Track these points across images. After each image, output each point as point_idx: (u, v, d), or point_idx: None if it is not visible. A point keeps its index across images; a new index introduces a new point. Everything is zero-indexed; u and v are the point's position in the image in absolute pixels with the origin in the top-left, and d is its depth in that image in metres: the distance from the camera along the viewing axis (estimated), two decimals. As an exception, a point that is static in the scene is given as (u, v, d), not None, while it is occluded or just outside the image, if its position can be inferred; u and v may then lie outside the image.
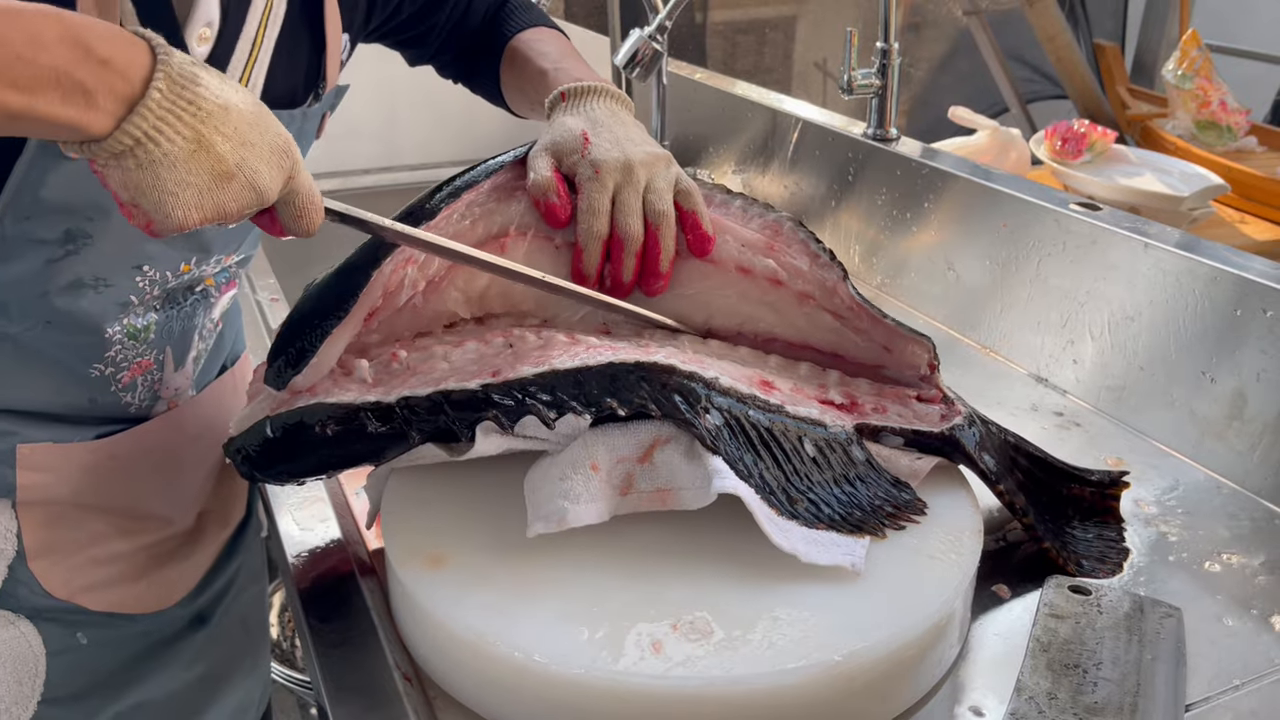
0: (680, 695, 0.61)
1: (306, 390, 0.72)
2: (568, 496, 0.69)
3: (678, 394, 0.71)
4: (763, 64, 3.09)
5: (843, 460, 0.74)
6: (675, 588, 0.67)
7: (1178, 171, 1.90)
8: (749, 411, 0.73)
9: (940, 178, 1.24)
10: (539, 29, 1.01)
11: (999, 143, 1.95)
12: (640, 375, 0.71)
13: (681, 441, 0.72)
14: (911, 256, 1.30)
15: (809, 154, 1.48)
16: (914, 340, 0.82)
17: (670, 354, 0.75)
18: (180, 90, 0.56)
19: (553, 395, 0.70)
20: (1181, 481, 0.93)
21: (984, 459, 0.78)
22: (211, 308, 0.85)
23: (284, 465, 0.71)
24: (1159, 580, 0.80)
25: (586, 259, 0.81)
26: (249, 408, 0.73)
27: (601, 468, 0.70)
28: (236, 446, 0.72)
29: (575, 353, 0.73)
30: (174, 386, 0.84)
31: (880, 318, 0.82)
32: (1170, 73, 2.22)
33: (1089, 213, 1.06)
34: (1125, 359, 1.02)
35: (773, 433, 0.73)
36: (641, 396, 0.70)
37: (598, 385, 0.70)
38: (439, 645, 0.68)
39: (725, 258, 0.83)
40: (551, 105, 0.87)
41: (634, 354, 0.73)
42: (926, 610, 0.66)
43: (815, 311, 0.83)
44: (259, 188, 0.60)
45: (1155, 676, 0.68)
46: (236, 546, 0.97)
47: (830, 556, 0.67)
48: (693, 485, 0.70)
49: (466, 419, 0.69)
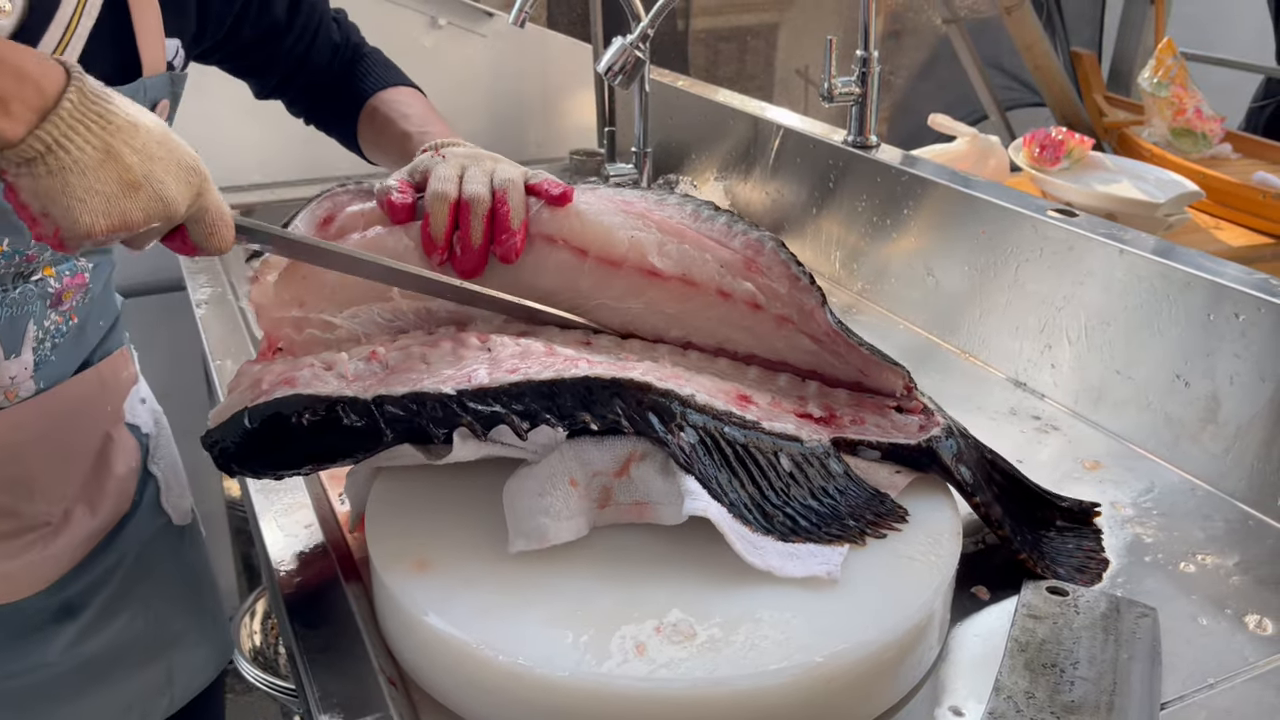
0: (663, 697, 0.61)
1: (284, 381, 0.72)
2: (548, 513, 0.70)
3: (652, 411, 0.72)
4: (745, 71, 3.11)
5: (820, 473, 0.75)
6: (658, 590, 0.68)
7: (1153, 178, 1.92)
8: (724, 428, 0.74)
9: (920, 185, 1.25)
10: (400, 89, 1.03)
11: (978, 150, 1.97)
12: (614, 391, 0.72)
13: (657, 457, 0.73)
14: (891, 263, 1.31)
15: (790, 161, 1.49)
16: (889, 369, 0.83)
17: (648, 369, 0.76)
18: (90, 104, 0.60)
19: (526, 406, 0.71)
20: (1157, 484, 0.95)
21: (961, 471, 0.78)
22: (52, 298, 0.85)
23: (261, 458, 0.72)
24: (1135, 580, 0.82)
25: (434, 223, 0.79)
26: (227, 400, 0.73)
27: (580, 483, 0.71)
28: (214, 439, 0.72)
29: (550, 364, 0.74)
30: (8, 375, 0.83)
31: (856, 345, 0.82)
32: (1146, 80, 2.24)
33: (1066, 219, 1.08)
34: (1102, 363, 1.04)
35: (748, 449, 0.74)
36: (615, 412, 0.71)
37: (572, 399, 0.71)
38: (424, 649, 0.68)
39: (705, 280, 0.83)
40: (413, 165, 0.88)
41: (611, 369, 0.74)
42: (906, 611, 0.67)
43: (793, 334, 0.83)
44: (165, 199, 0.62)
45: (1131, 675, 0.69)
46: (116, 540, 0.97)
47: (805, 568, 0.68)
48: (668, 501, 0.72)
49: (441, 423, 0.70)
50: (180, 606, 1.04)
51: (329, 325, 0.81)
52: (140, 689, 1.00)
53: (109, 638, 0.97)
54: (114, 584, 0.97)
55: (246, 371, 0.76)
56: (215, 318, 1.25)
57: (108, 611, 0.96)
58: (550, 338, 0.81)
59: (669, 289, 0.84)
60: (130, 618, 0.99)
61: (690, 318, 0.85)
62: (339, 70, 1.04)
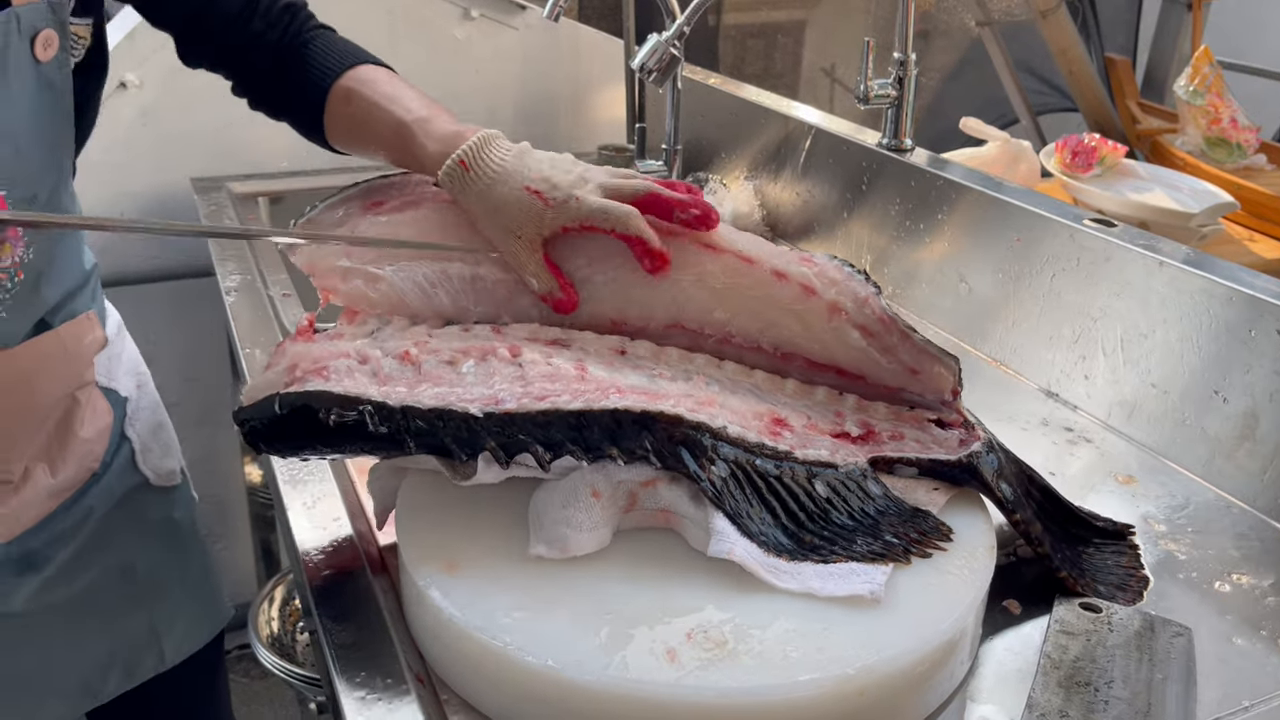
0: (693, 704, 0.61)
1: (316, 372, 0.72)
2: (570, 524, 0.70)
3: (683, 446, 0.71)
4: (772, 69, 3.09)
5: (859, 496, 0.74)
6: (690, 595, 0.68)
7: (1187, 188, 1.90)
8: (756, 460, 0.73)
9: (954, 190, 1.24)
10: (371, 67, 0.92)
11: (1009, 154, 1.95)
12: (644, 425, 0.71)
13: (688, 484, 0.72)
14: (923, 267, 1.30)
15: (822, 162, 1.48)
16: (941, 360, 0.81)
17: (681, 394, 0.75)
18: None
19: (551, 436, 0.70)
20: (1192, 500, 0.94)
21: (1002, 487, 0.77)
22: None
23: (287, 443, 0.73)
24: (1168, 598, 0.80)
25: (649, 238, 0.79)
26: (261, 377, 0.74)
27: (603, 494, 0.71)
28: (245, 417, 0.73)
29: (580, 391, 0.73)
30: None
31: (909, 333, 0.81)
32: (1182, 88, 2.22)
33: (1104, 229, 1.06)
34: (1138, 376, 1.03)
35: (781, 480, 0.73)
36: (644, 447, 0.71)
37: (600, 431, 0.71)
38: (452, 649, 0.68)
39: (763, 258, 0.82)
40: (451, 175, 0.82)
41: (641, 399, 0.73)
42: (940, 625, 0.66)
43: (843, 326, 0.82)
44: None
45: (1166, 696, 0.68)
46: (83, 499, 0.98)
47: (848, 586, 0.67)
48: (697, 523, 0.71)
49: (464, 443, 0.70)
50: (161, 566, 1.05)
51: (374, 278, 0.82)
52: (121, 641, 1.02)
53: (77, 590, 0.98)
54: (80, 539, 0.98)
55: (286, 350, 0.76)
56: (244, 305, 1.25)
57: (74, 565, 0.98)
58: (585, 345, 0.80)
59: (724, 261, 0.82)
60: (101, 571, 1.00)
61: (740, 295, 0.83)
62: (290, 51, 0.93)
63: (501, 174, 0.80)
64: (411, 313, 0.88)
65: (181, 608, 1.06)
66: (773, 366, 0.84)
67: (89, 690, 1.00)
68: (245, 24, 0.92)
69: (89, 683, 1.00)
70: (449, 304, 0.86)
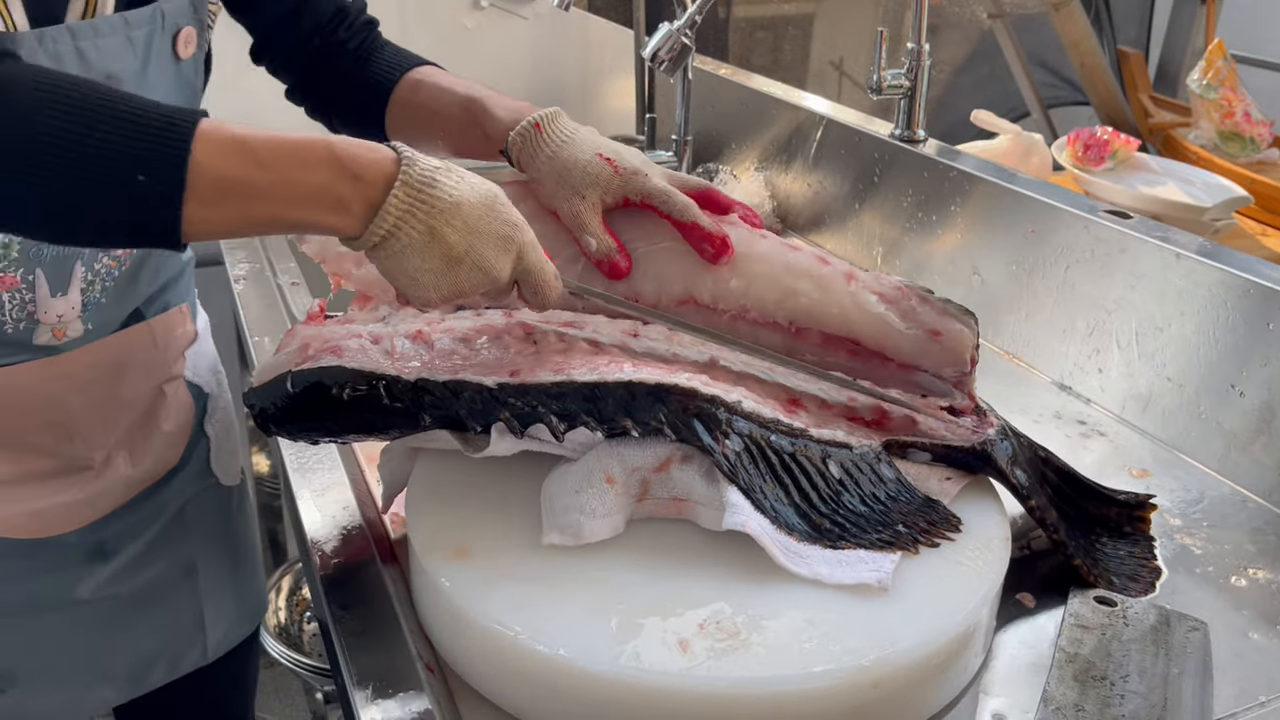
0: (706, 695, 0.60)
1: (330, 349, 0.72)
2: (583, 510, 0.69)
3: (697, 418, 0.71)
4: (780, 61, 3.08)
5: (871, 479, 0.73)
6: (702, 585, 0.67)
7: (1200, 182, 1.89)
8: (771, 436, 0.73)
9: (968, 181, 1.23)
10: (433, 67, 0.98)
11: (1021, 147, 1.93)
12: (658, 397, 0.71)
13: (699, 460, 0.72)
14: (935, 259, 1.29)
15: (833, 153, 1.47)
16: (961, 319, 0.81)
17: (694, 371, 0.75)
18: (417, 192, 0.67)
19: (565, 407, 0.70)
20: (1207, 494, 0.93)
21: (1016, 474, 0.77)
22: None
23: (299, 422, 0.72)
24: (1183, 593, 0.80)
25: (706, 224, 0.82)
26: (272, 359, 0.74)
27: (617, 480, 0.71)
28: (255, 399, 0.73)
29: (595, 365, 0.73)
30: (55, 313, 0.85)
31: (928, 295, 0.81)
32: (1195, 82, 2.20)
33: (1120, 220, 1.06)
34: (1153, 369, 1.02)
35: (795, 457, 0.72)
36: (658, 419, 0.70)
37: (614, 403, 0.71)
38: (462, 637, 0.67)
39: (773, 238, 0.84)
40: (524, 135, 0.85)
41: (655, 373, 0.72)
42: (955, 618, 0.65)
43: (861, 291, 0.81)
44: (485, 269, 0.69)
45: (1183, 691, 0.67)
46: (159, 493, 0.99)
47: (855, 575, 0.67)
48: (708, 504, 0.71)
49: (478, 415, 0.70)
50: (217, 564, 1.05)
51: None
52: (172, 636, 1.02)
53: (141, 583, 0.99)
54: (150, 534, 0.99)
55: (297, 333, 0.75)
56: (253, 294, 1.24)
57: (142, 560, 0.98)
58: (598, 327, 0.80)
59: (739, 232, 0.84)
60: (165, 568, 1.00)
61: (756, 260, 0.83)
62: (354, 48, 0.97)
63: (574, 139, 0.84)
64: None
65: (230, 605, 1.07)
66: (787, 347, 0.83)
67: (135, 680, 1.01)
68: (332, 32, 0.97)
69: (136, 673, 1.01)
70: None
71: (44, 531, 0.91)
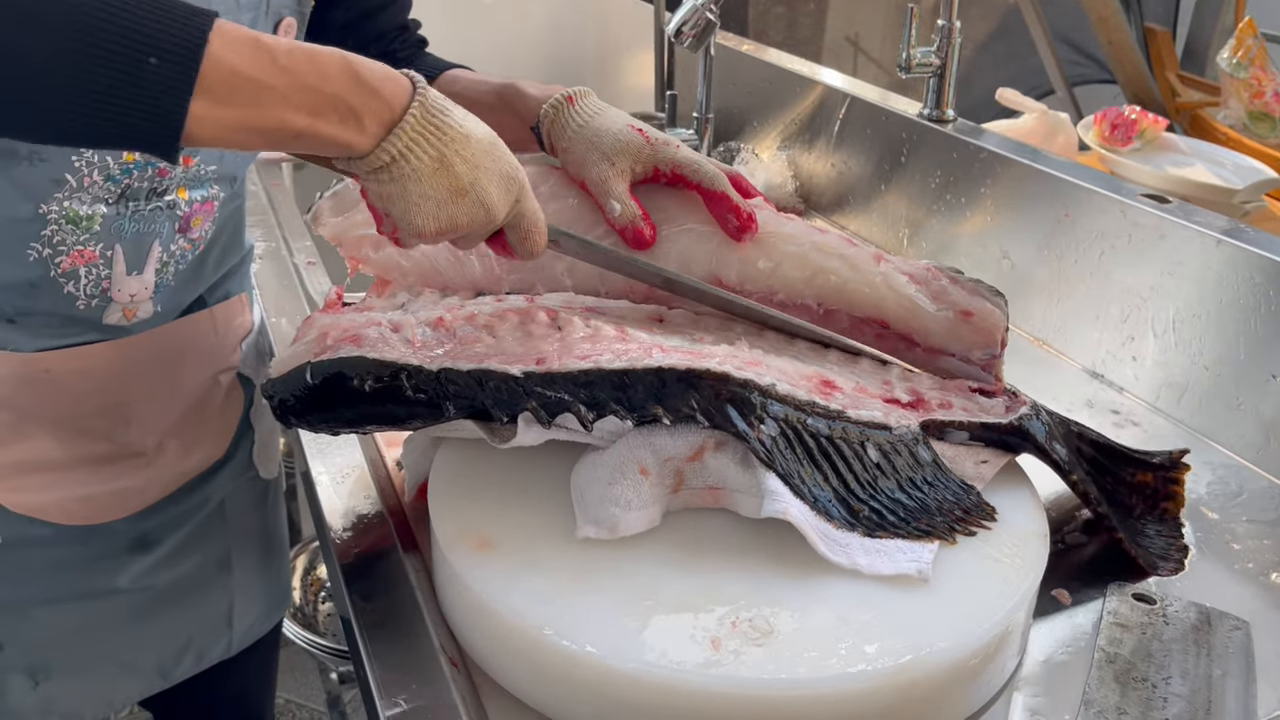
0: (738, 695, 0.59)
1: (350, 339, 0.70)
2: (618, 503, 0.67)
3: (730, 403, 0.69)
4: (795, 36, 3.04)
5: (909, 463, 0.71)
6: (733, 582, 0.65)
7: (1230, 163, 1.85)
8: (807, 419, 0.71)
9: (999, 162, 1.20)
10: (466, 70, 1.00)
11: (1046, 126, 1.90)
12: (689, 383, 0.69)
13: (733, 446, 0.70)
14: (962, 241, 1.27)
15: (859, 132, 1.44)
16: (991, 299, 0.80)
17: (725, 355, 0.73)
18: (431, 117, 0.65)
19: (594, 395, 0.68)
20: (1245, 487, 0.91)
21: (1055, 449, 0.75)
22: (180, 222, 0.85)
23: (319, 414, 0.71)
24: (1223, 590, 0.78)
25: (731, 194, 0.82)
26: (291, 349, 0.72)
27: (651, 471, 0.68)
28: (274, 390, 0.71)
29: (622, 351, 0.71)
30: (129, 292, 0.85)
31: (957, 275, 0.80)
32: (1225, 61, 2.16)
33: (1158, 205, 1.03)
34: (1189, 358, 0.99)
35: (833, 440, 0.70)
36: (690, 406, 0.68)
37: (644, 390, 0.68)
38: (487, 631, 0.66)
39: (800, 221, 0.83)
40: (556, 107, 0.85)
41: (685, 358, 0.70)
42: (994, 617, 0.63)
43: (891, 271, 0.80)
44: (487, 205, 0.68)
45: (1226, 692, 0.65)
46: (205, 485, 0.98)
47: (895, 565, 0.65)
48: (745, 491, 0.69)
49: (504, 404, 0.68)
50: (250, 557, 1.05)
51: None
52: (201, 629, 1.02)
53: (178, 575, 0.98)
54: (192, 525, 0.98)
55: (315, 321, 0.74)
56: (270, 274, 1.22)
57: (181, 551, 0.98)
58: (621, 315, 0.78)
59: (766, 213, 0.82)
60: (203, 560, 1.00)
61: (785, 240, 0.82)
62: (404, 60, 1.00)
63: (605, 112, 0.85)
64: (443, 283, 0.86)
65: (257, 598, 1.07)
66: (813, 347, 0.81)
67: (162, 672, 1.00)
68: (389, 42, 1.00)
69: (163, 665, 1.00)
70: (481, 272, 0.84)
71: (95, 518, 0.90)
